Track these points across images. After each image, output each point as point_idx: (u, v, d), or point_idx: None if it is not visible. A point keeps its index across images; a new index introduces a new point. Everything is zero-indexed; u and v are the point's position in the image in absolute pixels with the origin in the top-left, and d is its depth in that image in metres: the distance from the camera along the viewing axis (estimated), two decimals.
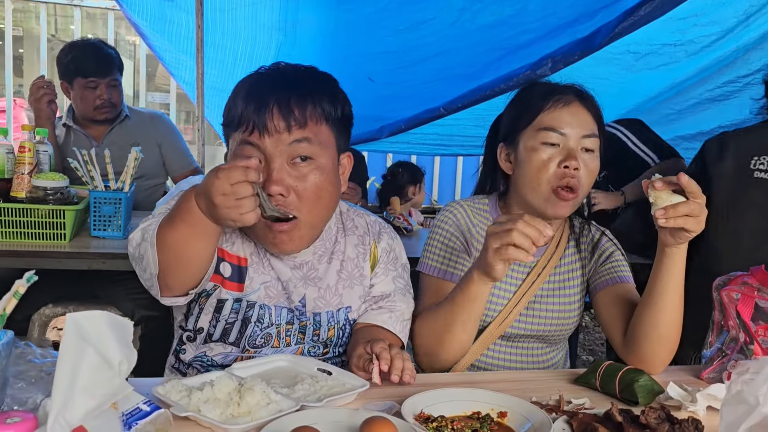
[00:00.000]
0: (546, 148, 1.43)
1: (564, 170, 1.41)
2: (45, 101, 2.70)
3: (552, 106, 1.45)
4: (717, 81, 3.44)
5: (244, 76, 1.31)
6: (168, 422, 0.92)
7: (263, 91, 1.23)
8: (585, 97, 1.49)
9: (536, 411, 1.10)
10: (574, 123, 1.44)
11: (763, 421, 0.88)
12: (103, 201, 2.25)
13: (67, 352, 0.77)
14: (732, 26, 3.29)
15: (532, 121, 1.46)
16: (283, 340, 1.35)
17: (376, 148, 4.21)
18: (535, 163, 1.44)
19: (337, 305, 1.39)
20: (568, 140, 1.43)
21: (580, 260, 1.57)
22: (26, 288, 0.82)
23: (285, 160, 1.22)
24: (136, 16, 3.50)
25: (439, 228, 1.55)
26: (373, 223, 1.49)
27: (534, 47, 3.17)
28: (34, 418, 0.81)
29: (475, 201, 1.60)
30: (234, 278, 1.33)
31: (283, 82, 1.25)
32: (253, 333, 1.33)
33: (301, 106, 1.22)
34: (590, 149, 1.44)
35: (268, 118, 1.20)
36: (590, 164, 1.44)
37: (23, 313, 2.42)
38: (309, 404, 1.07)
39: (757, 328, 1.29)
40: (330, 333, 1.38)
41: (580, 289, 1.56)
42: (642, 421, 1.00)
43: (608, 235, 1.60)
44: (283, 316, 1.35)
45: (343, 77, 2.85)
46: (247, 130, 1.22)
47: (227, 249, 1.33)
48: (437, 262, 1.51)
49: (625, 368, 1.25)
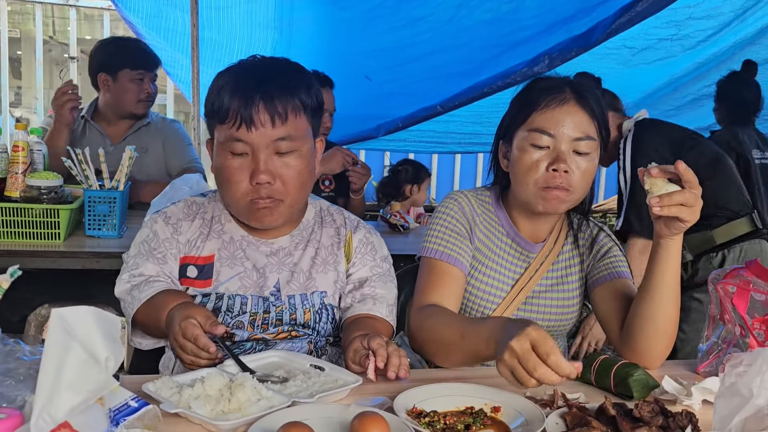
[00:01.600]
0: (535, 150, 1.39)
1: (553, 173, 1.37)
2: (68, 107, 2.69)
3: (545, 105, 1.40)
4: (715, 77, 3.44)
5: (238, 61, 1.39)
6: (156, 418, 0.92)
7: (248, 85, 1.32)
8: (583, 96, 1.41)
9: (530, 406, 1.09)
10: (567, 124, 1.38)
11: (756, 414, 0.88)
12: (98, 200, 2.24)
13: (52, 348, 0.77)
14: (728, 20, 3.29)
15: (526, 121, 1.43)
16: (258, 327, 1.39)
17: (374, 146, 4.20)
18: (524, 165, 1.41)
19: (311, 289, 1.44)
20: (558, 142, 1.38)
21: (578, 256, 1.56)
22: (9, 283, 0.81)
23: (271, 151, 1.32)
24: (132, 15, 3.49)
25: (443, 213, 1.52)
26: (352, 219, 1.55)
27: (531, 44, 3.16)
28: (20, 415, 0.81)
29: (479, 193, 1.58)
30: (202, 276, 1.41)
31: (265, 77, 1.34)
32: (223, 322, 1.37)
33: (283, 101, 1.32)
34: (583, 152, 1.39)
35: (254, 113, 1.30)
36: (583, 166, 1.39)
37: (20, 313, 2.42)
38: (300, 400, 1.06)
39: (753, 321, 1.28)
40: (306, 316, 1.42)
41: (578, 285, 1.55)
42: (635, 414, 1.00)
43: (606, 230, 1.59)
44: (259, 305, 1.40)
45: (339, 75, 2.86)
46: (235, 125, 1.31)
47: (193, 254, 1.42)
48: (439, 245, 1.47)
49: (619, 362, 1.24)
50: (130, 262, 1.42)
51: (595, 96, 1.44)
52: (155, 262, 1.39)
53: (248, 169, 1.32)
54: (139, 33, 3.61)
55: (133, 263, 1.40)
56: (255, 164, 1.31)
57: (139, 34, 3.63)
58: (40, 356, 1.01)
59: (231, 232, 1.44)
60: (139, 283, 1.36)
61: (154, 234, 1.42)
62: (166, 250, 1.40)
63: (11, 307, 2.36)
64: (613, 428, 0.99)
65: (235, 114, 1.30)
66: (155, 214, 1.46)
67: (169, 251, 1.40)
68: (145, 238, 1.43)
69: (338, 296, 1.48)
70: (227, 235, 1.43)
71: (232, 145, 1.32)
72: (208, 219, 1.45)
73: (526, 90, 1.48)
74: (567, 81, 1.46)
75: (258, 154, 1.31)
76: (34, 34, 6.46)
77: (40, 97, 6.21)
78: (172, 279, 1.40)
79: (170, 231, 1.42)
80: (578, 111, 1.40)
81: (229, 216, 1.45)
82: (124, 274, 1.40)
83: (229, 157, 1.33)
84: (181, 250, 1.42)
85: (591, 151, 1.40)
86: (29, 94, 9.50)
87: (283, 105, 1.31)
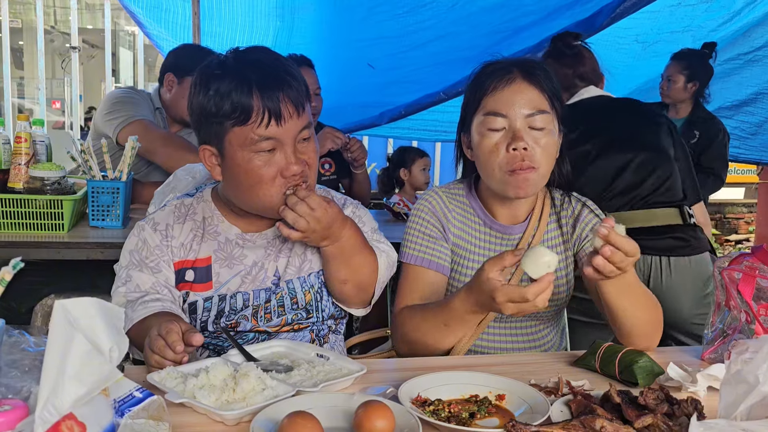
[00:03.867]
0: (491, 134, 1.40)
1: (513, 153, 1.37)
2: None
3: (494, 88, 1.40)
4: (718, 59, 3.41)
5: (217, 60, 1.33)
6: (161, 409, 0.92)
7: (265, 80, 1.28)
8: (530, 72, 1.42)
9: (534, 393, 1.09)
10: (518, 102, 1.38)
11: (762, 401, 0.87)
12: (101, 190, 2.24)
13: (56, 339, 0.76)
14: (739, 8, 3.27)
15: (478, 106, 1.43)
16: (262, 318, 1.40)
17: (377, 133, 4.19)
18: (484, 150, 1.41)
19: (307, 270, 1.44)
20: (512, 121, 1.38)
21: (561, 235, 1.55)
22: (12, 275, 0.81)
23: (296, 141, 1.32)
24: (133, 4, 3.47)
25: (416, 217, 1.54)
26: (339, 198, 1.54)
27: (534, 29, 3.14)
28: (25, 407, 0.81)
29: (450, 187, 1.58)
30: (201, 279, 1.39)
31: (272, 70, 1.30)
32: (228, 320, 1.38)
33: (298, 90, 1.32)
34: (539, 128, 1.39)
35: (282, 107, 1.28)
36: (542, 141, 1.39)
37: (26, 304, 2.42)
38: (305, 389, 1.06)
39: (759, 307, 1.28)
40: (307, 298, 1.43)
41: (566, 264, 1.54)
42: (640, 401, 0.99)
43: (590, 205, 1.56)
44: (261, 297, 1.40)
45: (342, 63, 2.84)
46: (262, 122, 1.27)
47: (190, 258, 1.39)
48: (416, 250, 1.50)
49: (624, 350, 1.23)
50: (122, 274, 1.38)
51: (544, 70, 1.44)
52: (149, 273, 1.36)
53: (276, 165, 1.30)
54: (140, 23, 3.59)
55: (126, 275, 1.37)
56: (286, 157, 1.30)
57: (140, 24, 3.61)
58: (45, 347, 1.01)
59: (225, 232, 1.42)
60: (135, 299, 1.34)
61: (143, 242, 1.39)
62: (159, 258, 1.38)
63: (18, 298, 2.37)
64: (618, 416, 0.99)
65: (261, 111, 1.26)
66: (142, 222, 1.43)
67: (161, 259, 1.38)
68: (134, 247, 1.40)
69: None
70: (222, 236, 1.42)
71: (258, 145, 1.28)
72: (199, 220, 1.42)
73: (475, 77, 1.48)
74: (513, 61, 1.46)
75: (287, 147, 1.30)
76: (35, 24, 6.45)
77: (42, 87, 6.20)
78: (168, 288, 1.37)
79: (160, 238, 1.39)
80: (527, 87, 1.40)
81: (221, 216, 1.43)
82: (120, 287, 1.37)
83: (254, 157, 1.29)
84: (175, 255, 1.39)
85: (546, 125, 1.40)
86: (32, 84, 9.50)
87: (299, 94, 1.31)
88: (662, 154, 2.29)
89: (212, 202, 1.44)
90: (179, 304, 1.39)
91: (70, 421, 0.74)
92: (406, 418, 0.97)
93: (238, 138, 1.28)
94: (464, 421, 1.01)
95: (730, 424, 0.85)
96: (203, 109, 1.30)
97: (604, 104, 2.38)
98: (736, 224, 7.21)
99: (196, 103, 1.31)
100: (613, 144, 2.27)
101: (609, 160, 2.25)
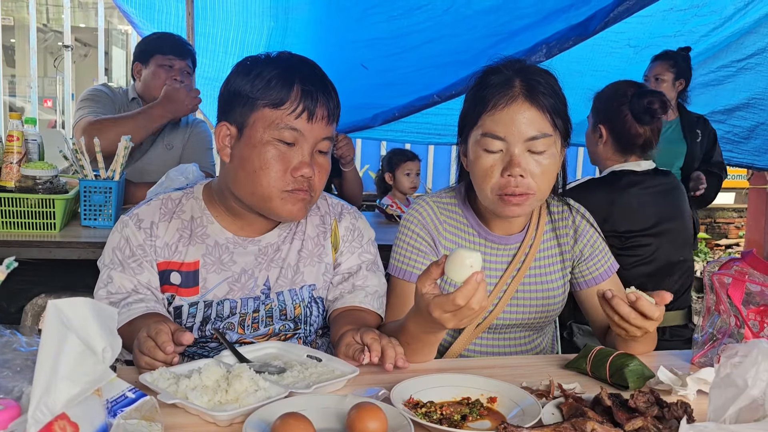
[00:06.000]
0: (488, 155, 1.34)
1: (508, 178, 1.32)
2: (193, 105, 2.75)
3: (494, 106, 1.33)
4: (711, 66, 3.45)
5: (265, 53, 1.35)
6: (154, 409, 0.92)
7: (311, 79, 1.31)
8: (533, 87, 1.33)
9: (526, 396, 1.10)
10: (518, 125, 1.31)
11: (751, 404, 0.88)
12: (94, 190, 2.23)
13: (49, 339, 0.76)
14: (730, 14, 3.29)
15: (476, 122, 1.36)
16: (249, 327, 1.38)
17: (370, 135, 4.19)
18: (479, 171, 1.36)
19: (299, 283, 1.42)
20: (510, 146, 1.32)
21: (558, 246, 1.53)
22: (5, 274, 0.81)
23: (315, 147, 1.33)
24: (126, 4, 3.46)
25: (406, 228, 1.49)
26: (335, 205, 1.52)
27: (529, 33, 3.14)
28: (17, 406, 0.81)
29: (442, 195, 1.53)
30: (187, 284, 1.36)
31: (317, 77, 1.33)
32: (213, 327, 1.36)
33: (335, 103, 1.35)
34: (539, 151, 1.32)
35: (318, 106, 1.30)
36: (543, 164, 1.33)
37: (16, 304, 2.41)
38: (298, 391, 1.06)
39: (748, 311, 1.29)
40: (297, 311, 1.41)
41: (561, 275, 1.53)
42: (631, 404, 1.00)
43: (587, 216, 1.54)
44: (249, 306, 1.38)
45: (335, 64, 2.85)
46: (295, 112, 1.28)
47: (176, 260, 1.36)
48: (403, 263, 1.47)
49: (615, 353, 1.24)
50: (104, 274, 1.35)
51: (548, 87, 1.35)
52: (131, 273, 1.33)
53: (289, 160, 1.29)
54: (134, 22, 3.58)
55: (108, 276, 1.34)
56: (302, 156, 1.30)
57: (134, 24, 3.60)
58: (37, 347, 1.00)
59: (215, 235, 1.38)
60: (117, 301, 1.31)
61: (126, 240, 1.35)
62: (141, 258, 1.34)
63: (8, 298, 2.35)
64: (608, 418, 1.00)
65: (297, 101, 1.28)
66: (125, 216, 1.38)
67: (144, 258, 1.34)
68: (116, 244, 1.36)
69: (327, 288, 1.46)
70: (211, 239, 1.38)
71: (281, 132, 1.28)
72: (187, 219, 1.38)
73: (476, 86, 1.40)
74: (517, 70, 1.36)
75: (306, 147, 1.30)
76: (27, 22, 6.42)
77: (34, 85, 6.17)
78: (151, 290, 1.34)
79: (143, 236, 1.35)
80: (528, 108, 1.32)
81: (211, 217, 1.39)
82: (101, 290, 1.34)
83: (272, 144, 1.28)
84: (159, 254, 1.35)
85: (547, 148, 1.34)
86: (23, 82, 9.44)
87: (334, 106, 1.34)
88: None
89: (203, 201, 1.40)
90: (164, 305, 1.36)
91: (63, 421, 0.74)
92: (398, 419, 0.97)
93: (265, 119, 1.28)
94: (456, 423, 1.01)
95: (720, 427, 0.86)
96: (239, 88, 1.30)
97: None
98: (726, 229, 7.27)
99: (233, 84, 1.31)
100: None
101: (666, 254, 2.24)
